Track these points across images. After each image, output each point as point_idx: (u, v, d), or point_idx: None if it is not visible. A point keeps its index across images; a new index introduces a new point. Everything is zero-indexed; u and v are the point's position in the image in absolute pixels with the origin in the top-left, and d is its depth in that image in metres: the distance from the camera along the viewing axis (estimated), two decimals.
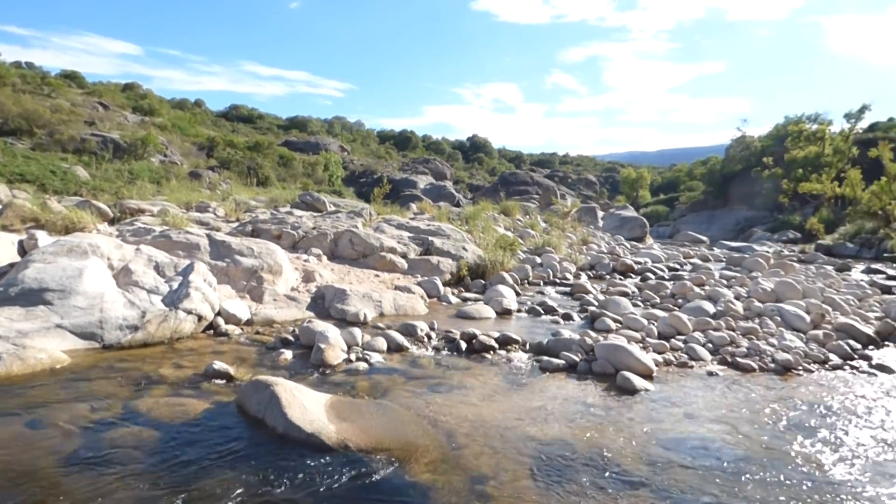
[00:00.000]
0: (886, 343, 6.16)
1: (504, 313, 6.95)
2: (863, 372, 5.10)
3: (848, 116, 31.65)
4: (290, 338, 5.22)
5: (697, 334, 5.83)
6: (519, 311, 7.17)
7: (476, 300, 7.62)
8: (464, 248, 9.54)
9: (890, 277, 12.13)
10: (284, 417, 3.19)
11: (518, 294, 8.05)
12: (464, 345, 5.25)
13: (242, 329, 5.56)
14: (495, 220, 15.27)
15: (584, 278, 9.75)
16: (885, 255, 17.28)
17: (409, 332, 5.55)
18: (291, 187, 19.63)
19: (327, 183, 29.86)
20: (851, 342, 5.84)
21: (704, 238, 23.51)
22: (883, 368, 5.19)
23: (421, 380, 4.36)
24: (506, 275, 8.65)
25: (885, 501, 2.80)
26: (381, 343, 5.10)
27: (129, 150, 21.41)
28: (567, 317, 6.85)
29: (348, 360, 4.69)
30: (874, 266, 14.19)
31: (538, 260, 10.54)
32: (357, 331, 5.27)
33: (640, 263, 11.32)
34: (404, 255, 9.12)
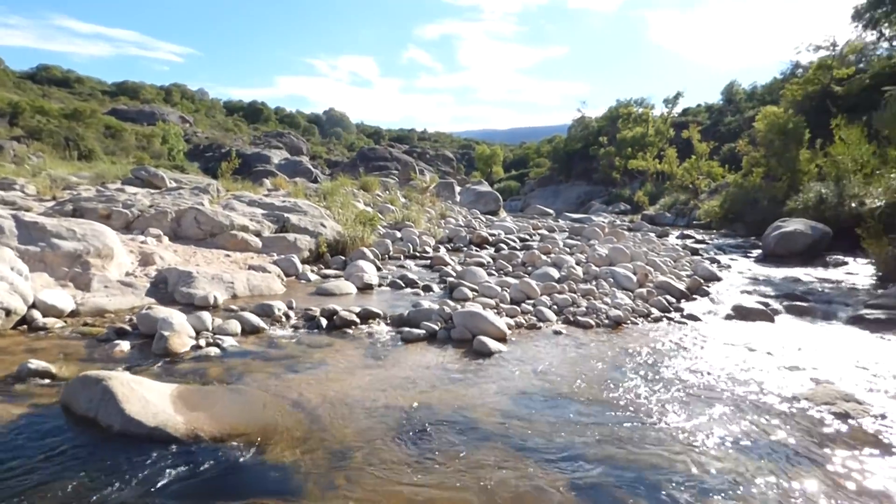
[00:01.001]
0: (694, 296, 7.24)
1: (365, 288, 6.93)
2: (677, 322, 5.95)
3: (666, 102, 36.12)
4: (127, 327, 4.70)
5: (545, 298, 6.33)
6: (380, 285, 7.20)
7: (337, 276, 7.49)
8: (322, 225, 9.28)
9: (698, 241, 14.23)
10: (122, 413, 2.88)
11: (379, 269, 8.07)
12: (324, 322, 5.15)
13: (66, 322, 4.87)
14: (355, 195, 15.03)
15: (442, 251, 10.05)
16: (694, 222, 20.19)
17: (265, 312, 5.30)
18: (122, 162, 17.46)
19: (167, 157, 27.06)
20: (668, 297, 6.77)
21: (551, 211, 25.45)
22: (692, 317, 6.10)
23: (280, 360, 4.20)
24: (366, 250, 8.61)
25: (699, 419, 3.32)
26: (235, 326, 4.80)
27: None
28: (427, 288, 7.03)
29: (197, 347, 4.35)
30: (686, 232, 16.53)
31: (398, 234, 10.63)
32: (206, 315, 4.90)
33: (494, 235, 11.94)
34: (258, 234, 8.64)
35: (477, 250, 10.51)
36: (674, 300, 6.75)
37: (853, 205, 12.21)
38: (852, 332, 5.68)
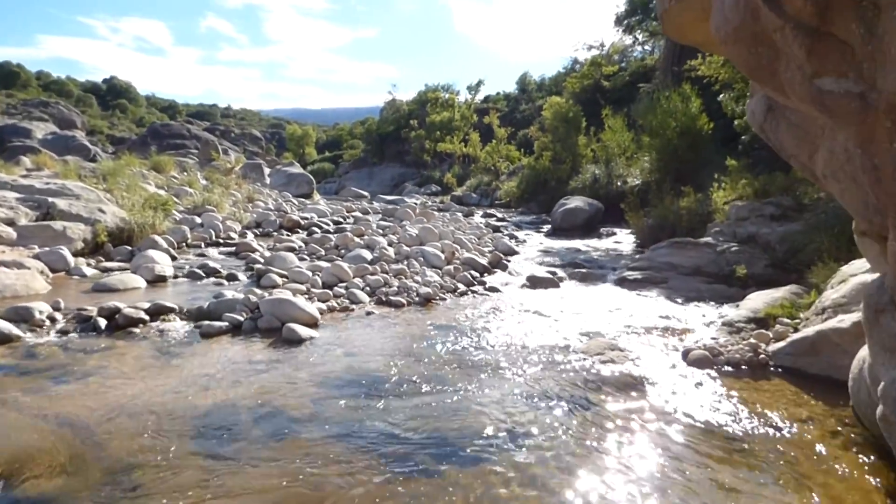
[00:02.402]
0: (495, 270, 7.87)
1: (157, 280, 6.19)
2: (481, 294, 6.42)
3: (469, 88, 38.34)
4: None
5: (357, 280, 6.33)
6: (176, 276, 6.50)
7: (122, 270, 6.58)
8: (101, 211, 8.02)
9: (499, 219, 15.49)
10: None
11: (174, 258, 7.27)
12: (103, 322, 4.47)
13: None
14: (144, 177, 13.28)
15: (250, 236, 9.43)
16: (497, 202, 21.93)
17: (21, 317, 4.41)
18: None
19: None
20: (473, 272, 7.26)
21: (366, 193, 25.48)
22: (493, 289, 6.62)
23: (41, 372, 3.54)
24: (158, 238, 7.67)
25: (496, 381, 3.61)
26: None
27: None
28: (232, 277, 6.54)
29: None
30: (490, 211, 17.89)
31: (198, 220, 9.69)
32: None
33: (306, 219, 11.56)
34: (11, 223, 7.13)
35: (288, 235, 10.09)
36: (478, 274, 7.25)
37: (619, 184, 14.42)
38: (617, 292, 6.72)
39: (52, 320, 4.53)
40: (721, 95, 11.04)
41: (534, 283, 6.92)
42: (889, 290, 2.28)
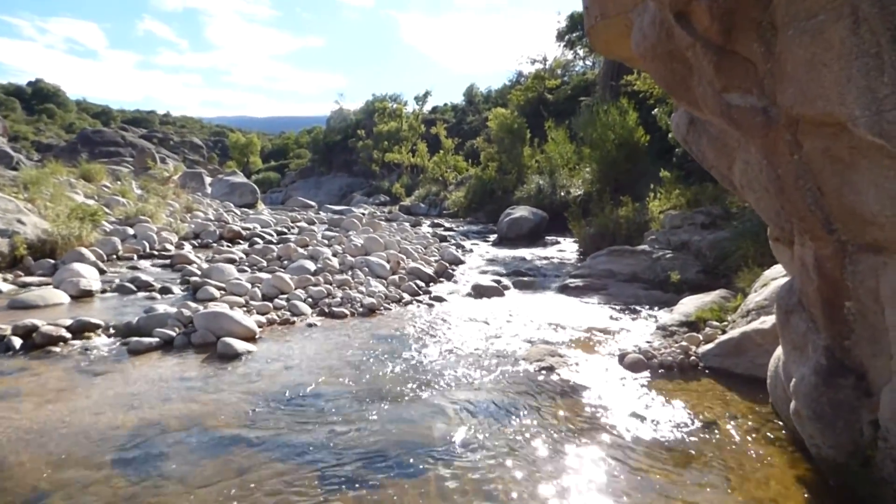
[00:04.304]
0: (441, 279, 7.90)
1: (83, 296, 5.86)
2: (426, 304, 6.40)
3: (417, 99, 38.55)
4: None
5: (299, 291, 6.19)
6: (104, 290, 6.16)
7: (42, 284, 6.17)
8: (19, 221, 7.51)
9: (447, 229, 15.56)
10: None
11: (103, 272, 6.90)
12: (18, 341, 4.18)
13: None
14: (72, 186, 12.57)
15: (187, 248, 9.07)
16: (445, 211, 22.05)
17: None
18: None
19: None
20: (419, 282, 7.24)
21: (313, 203, 25.03)
22: (438, 299, 6.63)
23: None
24: (85, 250, 7.26)
25: (437, 390, 3.60)
26: None
27: None
28: (165, 290, 6.26)
29: None
30: (437, 221, 17.96)
31: (131, 231, 9.23)
32: None
33: (248, 229, 11.24)
34: None
35: (229, 246, 9.77)
36: (423, 284, 7.24)
37: (562, 194, 14.80)
38: (560, 299, 6.86)
39: None
40: (655, 109, 11.56)
41: (479, 292, 6.98)
42: (797, 292, 2.43)
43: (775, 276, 4.62)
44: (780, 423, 3.18)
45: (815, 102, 1.68)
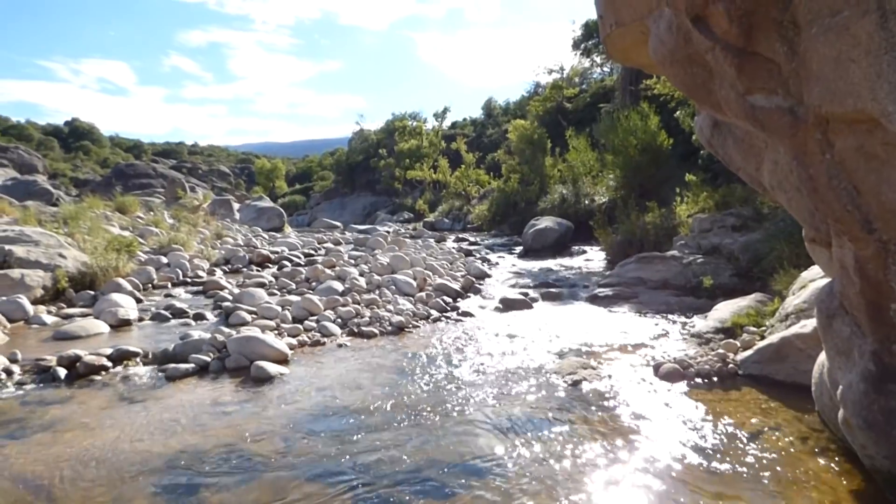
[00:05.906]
0: (468, 294, 7.87)
1: (122, 325, 6.02)
2: (454, 320, 6.39)
3: (436, 115, 38.88)
4: None
5: (328, 312, 6.24)
6: (141, 319, 6.32)
7: (84, 315, 6.36)
8: (61, 256, 7.79)
9: (471, 243, 15.56)
10: None
11: (140, 301, 7.08)
12: (63, 371, 4.30)
13: None
14: (108, 218, 13.01)
15: (218, 274, 9.26)
16: (469, 225, 22.07)
17: None
18: None
19: None
20: (446, 298, 7.23)
21: (338, 223, 25.37)
22: (466, 314, 6.60)
23: None
24: (122, 281, 7.48)
25: (471, 406, 3.57)
26: None
27: None
28: (199, 316, 6.39)
29: None
30: (462, 235, 17.98)
31: (164, 260, 9.48)
32: None
33: (276, 253, 11.42)
34: None
35: (258, 270, 9.94)
36: (450, 300, 7.23)
37: (586, 202, 14.67)
38: (589, 309, 6.77)
39: (9, 373, 4.33)
40: (678, 112, 11.41)
41: (507, 305, 6.93)
42: (838, 295, 2.35)
43: (813, 278, 4.48)
44: (829, 432, 3.06)
45: (845, 100, 1.64)
